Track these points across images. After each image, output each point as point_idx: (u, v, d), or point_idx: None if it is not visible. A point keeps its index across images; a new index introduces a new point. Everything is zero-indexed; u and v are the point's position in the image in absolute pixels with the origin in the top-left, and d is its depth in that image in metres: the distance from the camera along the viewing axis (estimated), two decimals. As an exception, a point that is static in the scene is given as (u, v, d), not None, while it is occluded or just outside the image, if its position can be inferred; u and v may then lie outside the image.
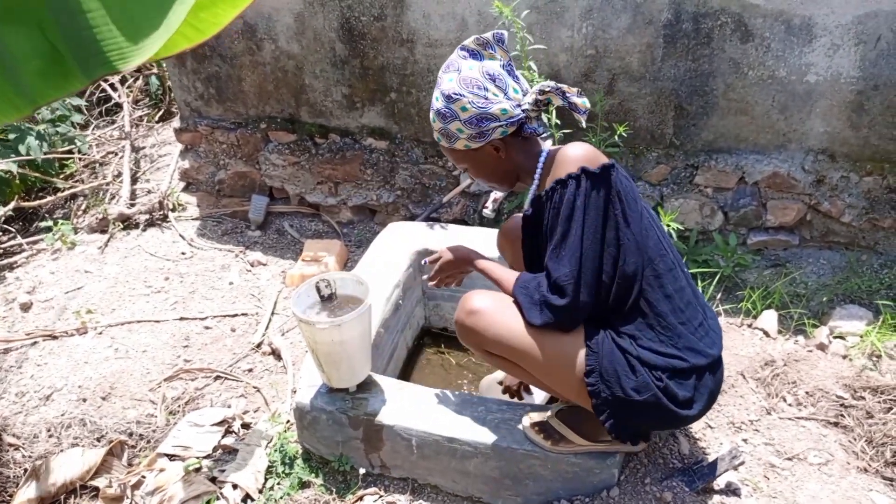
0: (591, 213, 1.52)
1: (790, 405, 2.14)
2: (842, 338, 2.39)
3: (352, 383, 1.94)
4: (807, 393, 2.16)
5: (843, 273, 2.69)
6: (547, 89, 1.57)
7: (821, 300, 2.59)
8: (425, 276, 2.02)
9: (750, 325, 2.48)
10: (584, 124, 1.64)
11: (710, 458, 1.89)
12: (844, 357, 2.31)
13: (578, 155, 1.55)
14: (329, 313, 1.90)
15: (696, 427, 2.05)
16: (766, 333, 2.43)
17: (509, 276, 1.71)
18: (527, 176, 1.69)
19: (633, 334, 1.61)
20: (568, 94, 1.57)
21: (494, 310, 1.66)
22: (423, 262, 2.04)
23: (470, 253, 1.88)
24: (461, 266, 1.89)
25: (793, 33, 2.45)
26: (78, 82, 1.12)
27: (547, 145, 1.69)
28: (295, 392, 2.29)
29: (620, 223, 1.54)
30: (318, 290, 1.93)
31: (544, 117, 2.56)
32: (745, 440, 2.02)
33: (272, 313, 2.74)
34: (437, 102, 1.63)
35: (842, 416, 2.08)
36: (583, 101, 1.57)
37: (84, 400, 2.35)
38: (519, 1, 2.55)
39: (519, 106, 1.61)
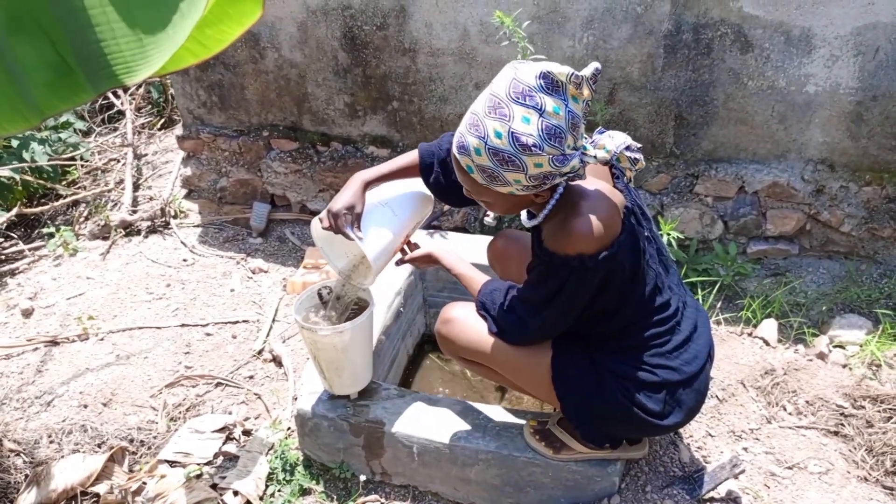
0: (577, 296, 1.51)
1: (790, 414, 2.14)
2: (841, 347, 2.40)
3: (353, 390, 1.94)
4: (807, 402, 2.16)
5: (843, 282, 2.70)
6: (629, 154, 1.43)
7: (820, 309, 2.60)
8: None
9: (750, 334, 2.49)
10: (631, 183, 1.56)
11: (711, 467, 1.89)
12: (844, 366, 2.31)
13: (585, 235, 1.42)
14: (329, 321, 1.91)
15: (697, 435, 2.05)
16: (766, 342, 2.44)
17: (474, 283, 1.72)
18: (537, 207, 1.55)
19: (603, 345, 1.63)
20: (638, 159, 1.46)
21: (467, 318, 1.70)
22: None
23: (439, 253, 1.82)
24: (429, 261, 1.83)
25: (792, 44, 2.47)
26: (85, 94, 1.13)
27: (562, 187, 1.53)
28: (296, 399, 2.29)
29: (611, 291, 1.52)
30: (321, 297, 1.94)
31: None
32: (745, 449, 2.02)
33: (273, 320, 2.75)
34: (499, 141, 1.33)
35: (842, 425, 2.08)
36: (642, 160, 1.49)
37: (85, 406, 2.35)
38: (520, 11, 2.57)
39: (584, 154, 1.39)
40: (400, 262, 1.90)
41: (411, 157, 1.82)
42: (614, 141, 1.43)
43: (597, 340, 1.64)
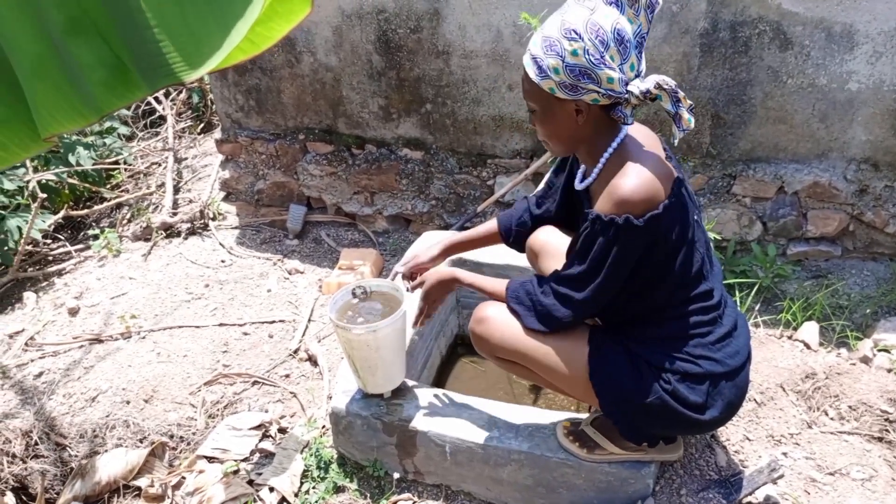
0: (624, 260, 1.49)
1: (832, 419, 2.09)
2: (886, 351, 2.33)
3: (387, 389, 1.96)
4: (849, 407, 2.11)
5: (888, 284, 2.63)
6: (666, 87, 1.41)
7: (864, 312, 2.53)
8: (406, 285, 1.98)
9: (790, 337, 2.44)
10: (675, 141, 1.49)
11: (749, 471, 1.86)
12: (889, 371, 2.25)
13: (630, 193, 1.43)
14: (365, 318, 1.93)
15: (734, 439, 2.02)
16: (807, 346, 2.38)
17: (498, 285, 1.73)
18: (587, 156, 1.58)
19: (643, 337, 1.60)
20: (681, 103, 1.43)
21: (502, 317, 1.69)
22: (393, 272, 2.01)
23: (452, 271, 1.83)
24: (447, 287, 1.84)
25: (833, 41, 2.42)
26: (141, 92, 1.17)
27: (623, 131, 1.56)
28: (330, 398, 2.32)
29: (657, 262, 1.51)
30: (355, 295, 1.97)
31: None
32: (784, 453, 1.98)
33: (309, 320, 2.79)
34: (551, 29, 1.42)
35: (886, 430, 2.02)
36: (689, 119, 1.44)
37: (128, 402, 2.42)
38: (546, 11, 2.56)
39: (626, 84, 1.43)
40: (415, 288, 1.92)
41: (490, 225, 1.98)
42: (661, 78, 1.44)
43: (636, 328, 1.61)
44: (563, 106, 1.48)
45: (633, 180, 1.45)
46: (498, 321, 1.69)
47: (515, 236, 1.94)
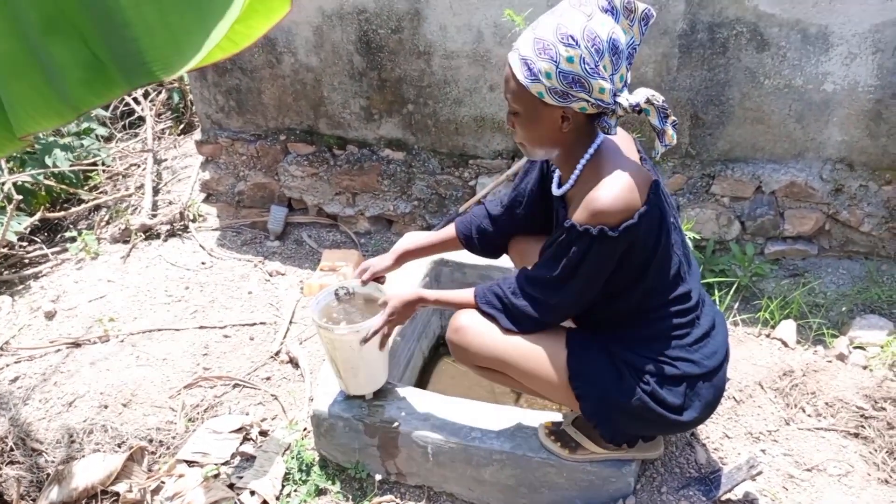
0: (597, 269, 1.51)
1: (809, 416, 2.12)
2: (862, 348, 2.37)
3: (369, 390, 1.95)
4: (826, 403, 2.14)
5: (863, 283, 2.67)
6: (655, 102, 1.43)
7: (840, 310, 2.56)
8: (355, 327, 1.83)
9: (768, 335, 2.47)
10: (658, 156, 1.52)
11: (728, 468, 1.88)
12: (864, 367, 2.28)
13: (608, 205, 1.44)
14: (347, 320, 1.92)
15: (714, 436, 2.04)
16: (785, 343, 2.41)
17: (465, 295, 1.72)
18: (564, 162, 1.58)
19: (621, 337, 1.61)
20: (667, 120, 1.45)
21: (478, 325, 1.68)
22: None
23: (417, 292, 1.80)
24: (412, 308, 1.78)
25: (809, 42, 2.45)
26: (119, 90, 1.17)
27: (600, 137, 1.55)
28: (312, 400, 2.31)
29: (634, 265, 1.52)
30: (338, 296, 1.96)
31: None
32: (763, 450, 2.00)
33: (290, 322, 2.77)
34: (545, 31, 1.40)
35: (862, 426, 2.05)
36: (672, 135, 1.46)
37: (106, 406, 2.39)
38: (531, 10, 2.57)
39: (616, 96, 1.43)
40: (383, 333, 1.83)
41: (448, 231, 1.96)
42: (651, 93, 1.45)
43: (615, 329, 1.63)
44: (549, 112, 1.46)
45: (610, 191, 1.45)
46: (474, 330, 1.68)
47: (478, 242, 1.92)
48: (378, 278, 1.95)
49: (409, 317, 1.82)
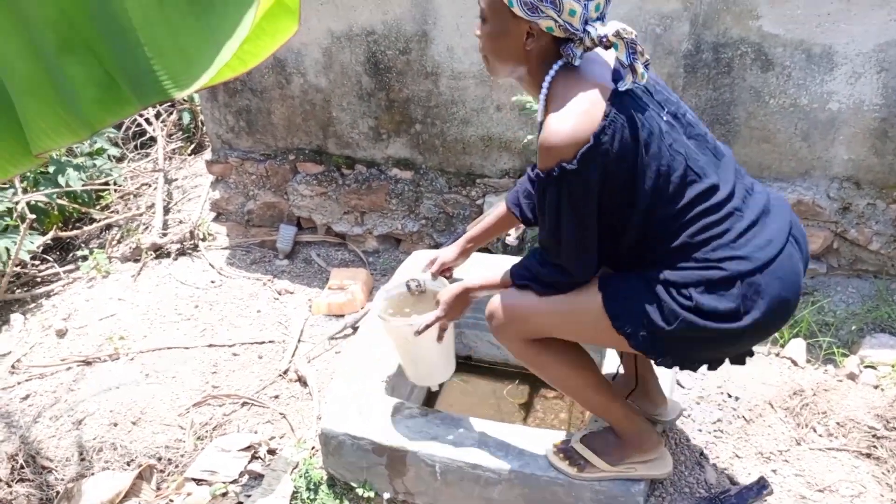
0: (579, 206, 1.43)
1: (820, 436, 2.10)
2: (873, 367, 2.35)
3: (431, 382, 2.01)
4: (837, 423, 2.12)
5: (873, 301, 2.66)
6: (625, 36, 1.37)
7: (850, 329, 2.55)
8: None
9: (777, 354, 2.46)
10: (623, 87, 1.41)
11: (738, 488, 1.86)
12: (876, 387, 2.27)
13: (554, 141, 1.39)
14: (419, 312, 1.91)
15: (723, 456, 2.02)
16: (794, 362, 2.40)
17: (504, 277, 1.68)
18: (529, 86, 1.55)
19: (654, 261, 1.49)
20: (636, 56, 1.38)
21: (510, 300, 1.65)
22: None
23: (462, 284, 1.77)
24: (462, 300, 1.77)
25: (813, 62, 2.47)
26: (131, 108, 1.19)
27: (558, 64, 1.49)
28: (320, 418, 2.31)
29: (621, 186, 1.42)
30: (409, 289, 1.97)
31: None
32: (774, 471, 1.99)
33: (298, 341, 2.78)
34: None
35: (874, 447, 2.03)
36: (642, 73, 1.39)
37: (115, 424, 2.40)
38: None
39: (586, 24, 1.40)
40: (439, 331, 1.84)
41: (500, 208, 1.92)
42: (622, 26, 1.40)
43: (645, 257, 1.51)
44: (516, 24, 1.44)
45: (555, 126, 1.40)
46: (508, 305, 1.64)
47: (528, 207, 1.83)
48: (445, 271, 1.94)
49: (463, 310, 1.79)
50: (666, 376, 2.00)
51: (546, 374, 1.75)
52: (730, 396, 2.23)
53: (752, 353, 1.68)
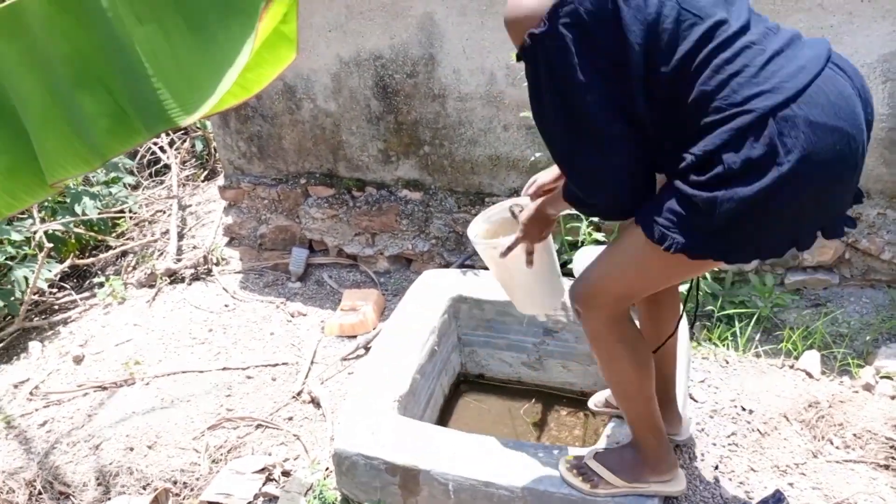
0: (568, 75, 1.30)
1: (837, 448, 2.08)
2: (889, 378, 2.33)
3: (532, 311, 2.02)
4: (854, 435, 2.10)
5: (887, 311, 2.63)
6: None
7: (865, 339, 2.53)
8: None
9: (791, 366, 2.44)
10: None
11: (754, 502, 1.84)
12: (892, 398, 2.24)
13: (513, 11, 1.32)
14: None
15: (739, 470, 2.01)
16: (809, 374, 2.38)
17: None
18: None
19: (683, 141, 1.30)
20: None
21: (585, 277, 1.58)
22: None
23: (538, 205, 1.65)
24: (540, 218, 1.66)
25: (818, 74, 2.48)
26: (141, 137, 1.25)
27: None
28: (333, 439, 2.32)
29: (612, 56, 1.28)
30: (513, 214, 1.93)
31: None
32: (791, 484, 1.97)
33: (311, 362, 2.80)
34: None
35: (892, 458, 2.01)
36: None
37: (131, 449, 2.42)
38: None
39: None
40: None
41: None
42: None
43: (679, 152, 1.31)
44: None
45: (511, 4, 1.34)
46: (585, 284, 1.57)
47: None
48: (545, 193, 1.76)
49: (544, 229, 1.70)
50: (679, 391, 1.99)
51: (610, 367, 1.66)
52: (744, 409, 2.21)
53: (850, 221, 1.43)
